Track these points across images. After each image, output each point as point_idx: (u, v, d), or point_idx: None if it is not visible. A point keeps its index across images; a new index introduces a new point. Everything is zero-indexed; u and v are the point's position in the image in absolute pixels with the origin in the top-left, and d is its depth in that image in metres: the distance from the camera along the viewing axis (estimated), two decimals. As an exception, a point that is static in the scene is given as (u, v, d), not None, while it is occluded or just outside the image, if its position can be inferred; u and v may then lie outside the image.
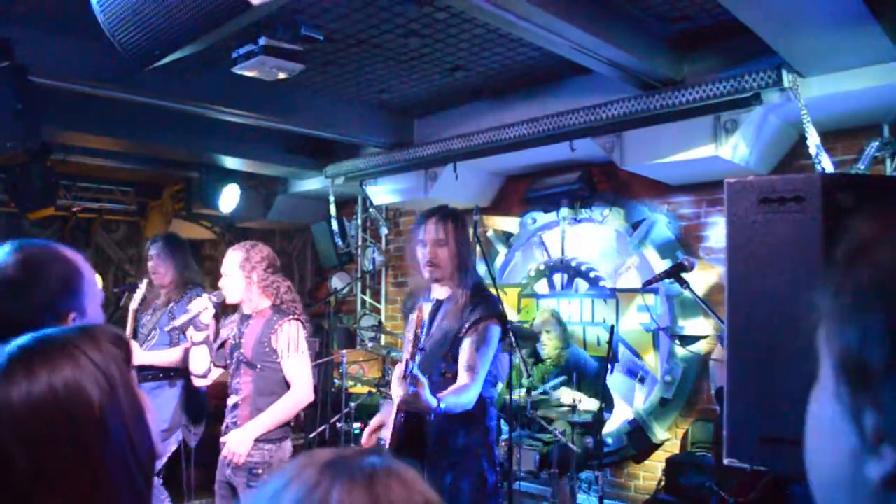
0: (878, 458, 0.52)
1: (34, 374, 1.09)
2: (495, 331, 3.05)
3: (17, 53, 3.81)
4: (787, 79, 3.81)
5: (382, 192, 6.38)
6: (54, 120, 4.94)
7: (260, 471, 3.45)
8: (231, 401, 3.62)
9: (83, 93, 4.50)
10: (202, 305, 3.58)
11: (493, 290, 3.25)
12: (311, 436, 5.82)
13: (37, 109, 3.98)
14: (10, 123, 3.90)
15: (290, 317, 3.62)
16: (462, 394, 2.85)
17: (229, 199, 6.93)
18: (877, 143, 4.20)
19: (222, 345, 3.74)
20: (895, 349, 0.51)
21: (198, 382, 3.73)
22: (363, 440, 3.31)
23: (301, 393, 3.57)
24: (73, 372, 1.11)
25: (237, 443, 3.46)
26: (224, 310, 3.86)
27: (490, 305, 3.11)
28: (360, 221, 7.14)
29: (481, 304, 3.08)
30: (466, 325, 3.00)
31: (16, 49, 3.81)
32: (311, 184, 6.99)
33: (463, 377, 2.93)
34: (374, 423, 3.26)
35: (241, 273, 3.61)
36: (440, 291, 3.18)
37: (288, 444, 3.62)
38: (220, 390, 3.86)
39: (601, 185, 5.61)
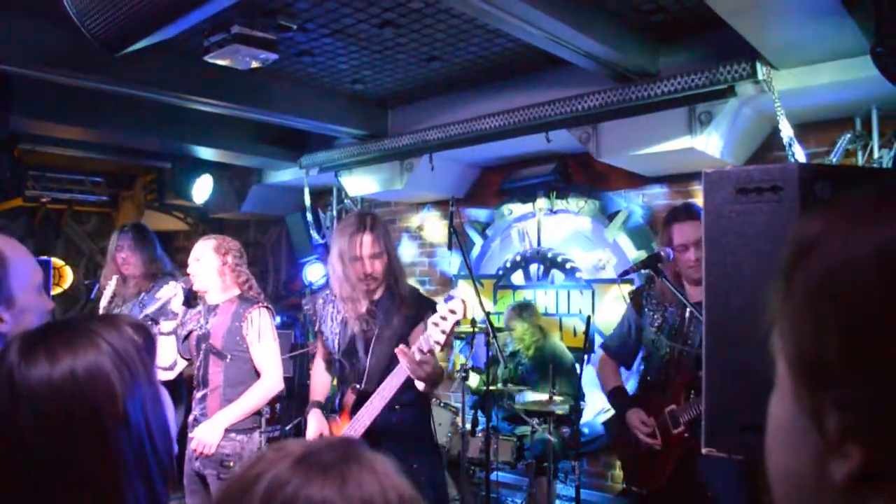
0: (842, 457, 0.51)
1: (56, 357, 1.08)
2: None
3: (-18, 40, 3.73)
4: (760, 71, 3.83)
5: (357, 184, 6.34)
6: (22, 109, 4.85)
7: (231, 462, 3.43)
8: (199, 393, 3.58)
9: (52, 81, 4.41)
10: (172, 292, 3.55)
11: (468, 283, 3.31)
12: (287, 428, 5.80)
13: (4, 98, 3.90)
14: (-24, 112, 3.83)
15: (258, 304, 3.60)
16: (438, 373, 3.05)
17: (202, 189, 6.86)
18: (849, 136, 4.24)
19: (187, 336, 3.69)
20: (851, 345, 0.50)
21: (163, 375, 3.68)
22: None
23: (271, 381, 3.55)
24: (96, 357, 1.10)
25: (207, 433, 3.43)
26: (192, 301, 3.83)
27: (427, 302, 3.30)
28: (335, 213, 7.09)
29: (420, 302, 3.26)
30: (417, 320, 3.16)
31: (-19, 36, 3.73)
32: (286, 174, 6.93)
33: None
34: (313, 434, 3.27)
35: (215, 257, 3.59)
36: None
37: (258, 435, 3.60)
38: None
39: (577, 177, 5.62)
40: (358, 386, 3.16)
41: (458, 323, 2.81)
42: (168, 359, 3.66)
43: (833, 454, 0.52)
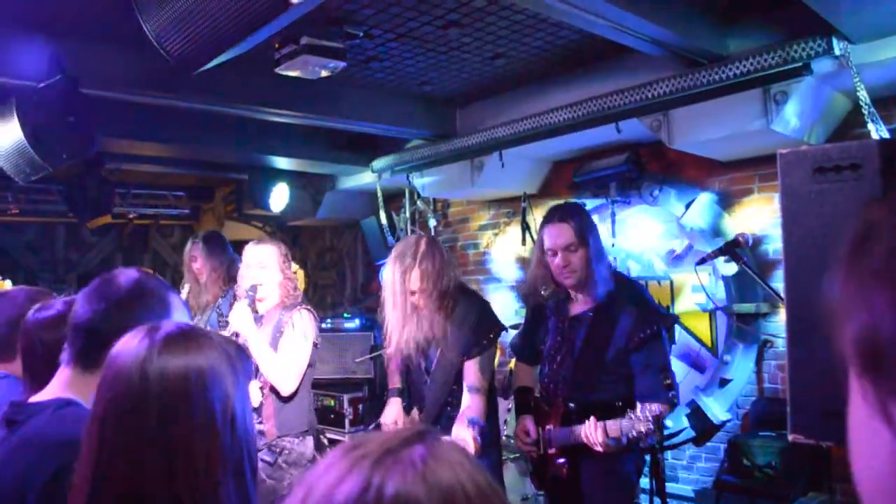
0: None
1: (189, 351, 1.22)
2: (496, 350, 3.37)
3: (67, 66, 3.91)
4: (837, 46, 3.70)
5: (429, 184, 6.40)
6: (107, 129, 5.06)
7: (283, 465, 3.49)
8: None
9: (133, 101, 4.61)
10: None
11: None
12: (370, 428, 5.89)
13: (89, 120, 4.08)
14: (65, 135, 4.02)
15: (298, 307, 3.64)
16: (479, 415, 3.19)
17: (279, 198, 7.03)
18: (936, 108, 4.06)
19: None
20: None
21: None
22: None
23: (285, 371, 3.52)
24: (218, 361, 1.24)
25: (237, 317, 3.50)
26: None
27: (489, 323, 3.36)
28: (408, 214, 7.16)
29: (480, 322, 3.32)
30: (472, 351, 3.26)
31: (66, 62, 3.91)
32: (359, 179, 7.04)
33: (471, 398, 3.23)
34: (388, 420, 3.42)
35: (279, 270, 3.66)
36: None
37: (311, 441, 3.62)
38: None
39: (650, 166, 5.53)
40: (421, 413, 3.40)
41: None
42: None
43: None
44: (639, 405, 2.83)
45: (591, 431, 2.83)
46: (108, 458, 1.16)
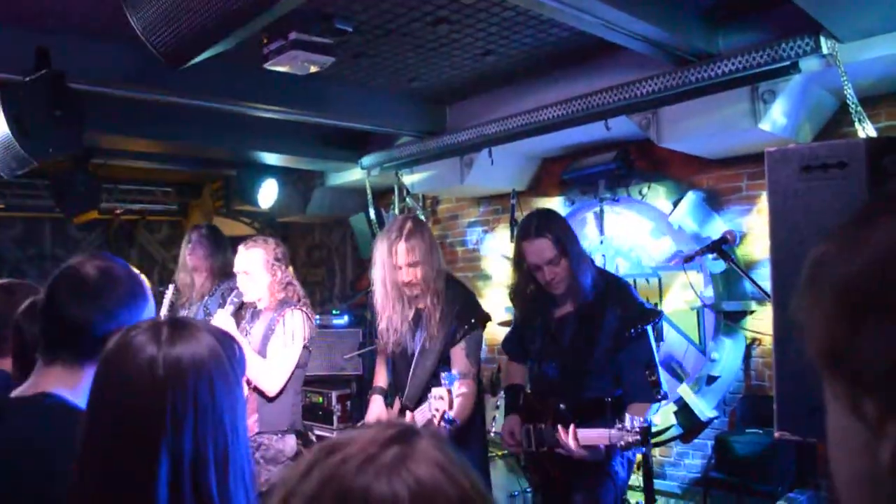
0: (886, 439, 0.51)
1: (195, 338, 1.24)
2: (482, 335, 3.36)
3: (53, 61, 3.88)
4: (825, 45, 3.71)
5: (418, 181, 6.39)
6: (94, 124, 5.02)
7: (261, 461, 3.49)
8: None
9: (121, 96, 4.58)
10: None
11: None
12: (358, 425, 5.88)
13: (77, 115, 4.05)
14: (51, 130, 3.98)
15: (293, 306, 3.65)
16: (468, 403, 3.14)
17: (268, 194, 7.00)
18: (922, 107, 4.08)
19: None
20: (856, 310, 0.52)
21: None
22: None
23: (270, 377, 3.55)
24: (215, 350, 1.26)
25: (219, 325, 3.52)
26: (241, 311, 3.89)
27: (473, 309, 3.35)
28: (397, 211, 7.15)
29: (465, 309, 3.31)
30: (457, 335, 3.24)
31: (52, 56, 3.88)
32: (349, 176, 7.02)
33: (461, 384, 3.13)
34: (372, 419, 3.43)
35: (266, 273, 3.65)
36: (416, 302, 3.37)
37: (291, 439, 3.63)
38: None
39: (639, 164, 5.53)
40: (400, 398, 3.36)
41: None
42: None
43: (879, 441, 0.52)
44: (627, 416, 2.77)
45: (564, 439, 2.85)
46: (121, 460, 1.15)
